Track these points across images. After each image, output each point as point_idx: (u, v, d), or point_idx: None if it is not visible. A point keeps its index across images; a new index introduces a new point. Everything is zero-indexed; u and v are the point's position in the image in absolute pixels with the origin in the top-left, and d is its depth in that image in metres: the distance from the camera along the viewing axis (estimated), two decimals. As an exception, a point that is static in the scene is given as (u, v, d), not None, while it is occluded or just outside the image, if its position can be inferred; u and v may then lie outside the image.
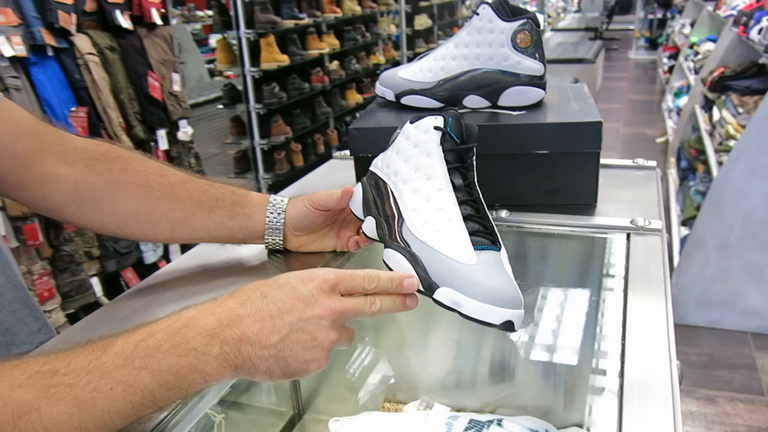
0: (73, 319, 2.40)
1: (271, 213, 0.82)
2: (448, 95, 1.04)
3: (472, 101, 1.03)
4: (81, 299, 2.47)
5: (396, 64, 6.66)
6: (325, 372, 1.07)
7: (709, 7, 5.34)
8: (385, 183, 0.75)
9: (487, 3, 1.00)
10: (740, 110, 2.80)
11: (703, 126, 3.34)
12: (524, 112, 1.01)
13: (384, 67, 6.19)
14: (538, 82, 1.02)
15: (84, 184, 0.73)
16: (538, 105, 1.03)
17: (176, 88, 3.05)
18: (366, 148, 0.99)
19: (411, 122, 0.75)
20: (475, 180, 0.73)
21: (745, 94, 2.93)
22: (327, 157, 5.36)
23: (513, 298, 0.62)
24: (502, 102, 1.02)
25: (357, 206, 0.79)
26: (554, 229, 0.92)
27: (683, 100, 4.72)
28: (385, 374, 1.12)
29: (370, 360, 1.13)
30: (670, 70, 6.36)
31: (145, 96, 2.74)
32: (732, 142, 2.68)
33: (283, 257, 0.85)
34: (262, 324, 0.54)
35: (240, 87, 4.14)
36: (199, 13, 8.58)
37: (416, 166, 0.72)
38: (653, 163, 1.14)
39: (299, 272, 0.59)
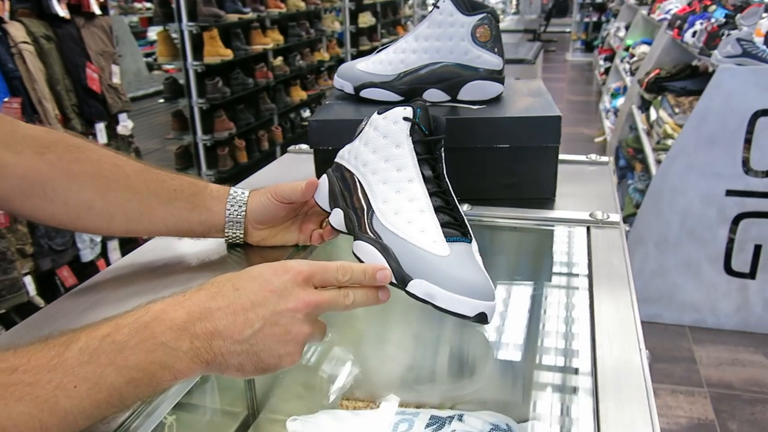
0: (4, 320, 2.29)
1: (232, 206, 0.79)
2: (408, 88, 1.03)
3: (432, 95, 1.02)
4: (13, 299, 2.35)
5: (340, 61, 6.63)
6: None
7: (643, 11, 5.52)
8: (352, 174, 0.73)
9: (448, -4, 1.00)
10: (676, 110, 2.90)
11: (641, 126, 3.45)
12: (484, 106, 1.01)
13: (328, 64, 6.16)
14: (497, 76, 1.03)
15: (33, 173, 0.69)
16: (496, 99, 1.04)
17: (116, 80, 2.95)
18: (326, 141, 0.97)
19: (379, 113, 0.73)
20: (444, 172, 0.72)
21: (681, 95, 3.04)
22: (271, 153, 5.28)
23: (486, 290, 0.62)
24: (461, 96, 1.02)
25: (323, 198, 0.77)
26: (516, 222, 0.93)
27: (620, 101, 4.86)
28: (343, 371, 1.11)
29: (328, 357, 1.11)
30: (607, 71, 6.54)
31: (83, 88, 2.63)
32: (669, 141, 2.78)
33: (243, 251, 0.82)
34: (234, 317, 0.52)
35: (182, 81, 4.04)
36: (137, 5, 8.33)
37: (386, 157, 0.70)
38: (606, 159, 1.16)
39: (272, 264, 0.57)
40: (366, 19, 6.93)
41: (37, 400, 0.44)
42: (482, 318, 0.61)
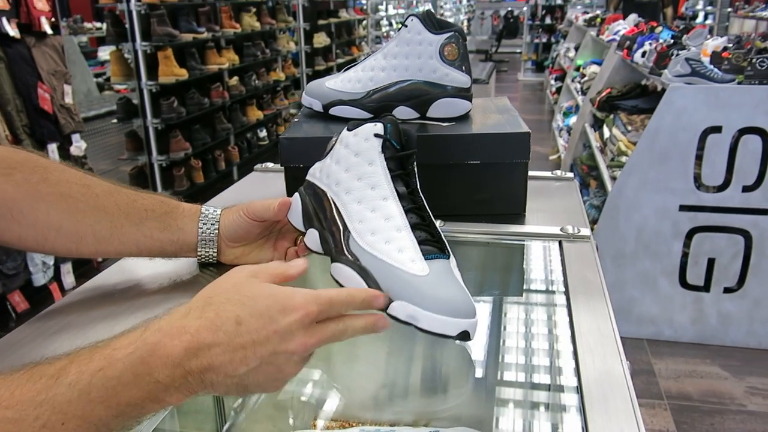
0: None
1: (204, 224, 0.77)
2: (377, 106, 1.03)
3: (402, 112, 1.02)
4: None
5: (296, 81, 6.63)
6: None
7: (592, 33, 5.69)
8: (325, 193, 0.72)
9: (416, 15, 1.01)
10: (629, 128, 2.98)
11: (594, 143, 3.54)
12: (453, 123, 1.01)
13: (284, 84, 6.15)
14: (465, 94, 1.04)
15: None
16: (465, 117, 1.05)
17: (68, 100, 2.88)
18: (297, 158, 0.96)
19: (348, 129, 0.72)
20: (418, 187, 0.72)
21: (633, 113, 3.13)
22: (228, 174, 5.23)
23: (467, 308, 0.61)
24: (431, 113, 1.03)
25: (296, 218, 0.76)
26: (488, 238, 0.93)
27: (573, 119, 4.98)
28: (315, 391, 1.09)
29: (298, 376, 1.09)
30: (558, 91, 6.71)
31: (35, 108, 2.57)
32: (624, 158, 2.85)
33: (216, 270, 0.80)
34: (232, 355, 0.51)
35: (136, 101, 3.97)
36: (87, 25, 8.19)
37: (358, 176, 0.69)
38: (571, 175, 1.18)
39: (280, 298, 0.54)
40: (321, 40, 6.96)
41: None
42: (465, 336, 0.60)
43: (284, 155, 0.96)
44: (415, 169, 0.73)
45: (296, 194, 0.77)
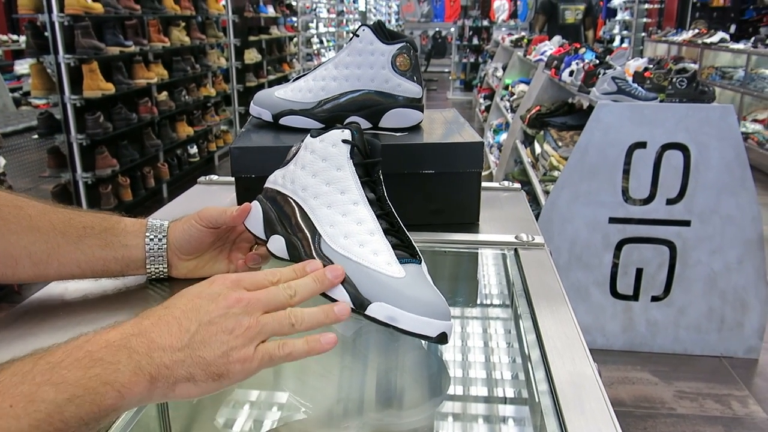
0: None
1: (152, 239, 0.74)
2: (328, 116, 1.02)
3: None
4: None
5: (227, 97, 6.54)
6: (197, 412, 0.98)
7: (519, 53, 5.87)
8: (290, 198, 0.71)
9: (367, 26, 1.01)
10: (560, 144, 3.08)
11: (526, 159, 3.63)
12: (406, 133, 1.01)
13: (214, 100, 6.05)
14: (417, 104, 1.04)
15: None
16: (417, 127, 1.05)
17: (-14, 114, 2.73)
18: (248, 169, 0.94)
19: (313, 136, 0.72)
20: (385, 194, 0.71)
21: (562, 129, 3.23)
22: (158, 191, 5.08)
23: (444, 310, 0.62)
24: (383, 123, 1.03)
25: (256, 226, 0.74)
26: (445, 246, 0.93)
27: (503, 136, 5.10)
28: (267, 409, 1.05)
29: (249, 395, 1.06)
30: (487, 109, 6.87)
31: (-50, 121, 2.42)
32: (556, 173, 2.93)
33: (169, 285, 0.77)
34: (168, 327, 0.51)
35: (59, 116, 3.81)
36: (2, 37, 7.85)
37: (326, 180, 0.69)
38: (518, 186, 1.20)
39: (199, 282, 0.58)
40: (252, 56, 6.90)
41: None
42: (443, 338, 0.61)
43: (235, 165, 0.94)
44: (381, 176, 0.72)
45: (255, 202, 0.75)
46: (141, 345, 0.50)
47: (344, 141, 0.69)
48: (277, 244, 0.70)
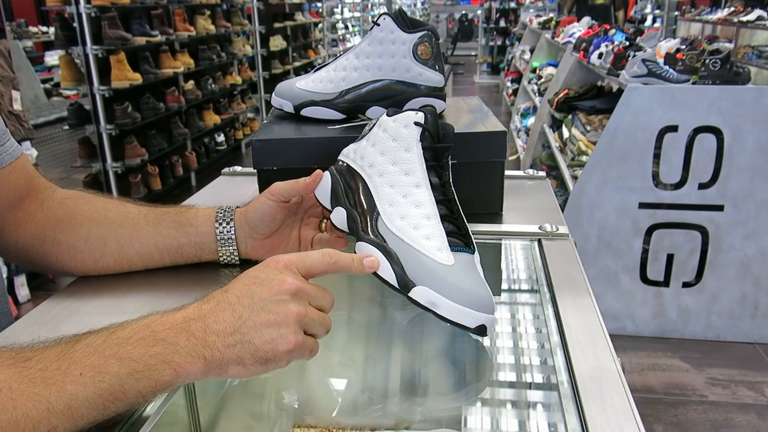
0: None
1: (220, 223, 0.79)
2: (350, 106, 1.01)
3: (376, 112, 1.01)
4: None
5: (253, 84, 6.56)
6: (225, 401, 0.99)
7: (547, 35, 5.78)
8: (358, 173, 0.73)
9: (388, 14, 1.00)
10: (588, 128, 3.03)
11: (554, 143, 3.58)
12: (428, 123, 1.00)
13: (241, 88, 6.07)
14: (439, 93, 1.03)
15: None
16: (439, 116, 1.04)
17: (17, 106, 2.79)
18: (270, 161, 0.94)
19: (388, 114, 0.73)
20: (450, 180, 0.72)
21: (591, 113, 3.18)
22: (186, 179, 5.14)
23: (488, 303, 0.62)
24: (405, 113, 1.02)
25: (324, 195, 0.76)
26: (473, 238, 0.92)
27: (530, 120, 5.04)
28: (293, 397, 1.06)
29: (275, 383, 1.07)
30: (515, 92, 6.79)
31: (-17, 115, 2.46)
32: (584, 158, 2.89)
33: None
34: (223, 314, 0.55)
35: (88, 107, 3.86)
36: (33, 29, 7.96)
37: (394, 160, 0.70)
38: (543, 174, 1.18)
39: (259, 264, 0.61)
40: (277, 43, 6.91)
41: (46, 382, 0.48)
42: (482, 330, 0.61)
43: (257, 158, 0.94)
44: (450, 162, 0.73)
45: (326, 172, 0.77)
46: (198, 329, 0.54)
47: (416, 123, 0.70)
48: (339, 215, 0.72)
